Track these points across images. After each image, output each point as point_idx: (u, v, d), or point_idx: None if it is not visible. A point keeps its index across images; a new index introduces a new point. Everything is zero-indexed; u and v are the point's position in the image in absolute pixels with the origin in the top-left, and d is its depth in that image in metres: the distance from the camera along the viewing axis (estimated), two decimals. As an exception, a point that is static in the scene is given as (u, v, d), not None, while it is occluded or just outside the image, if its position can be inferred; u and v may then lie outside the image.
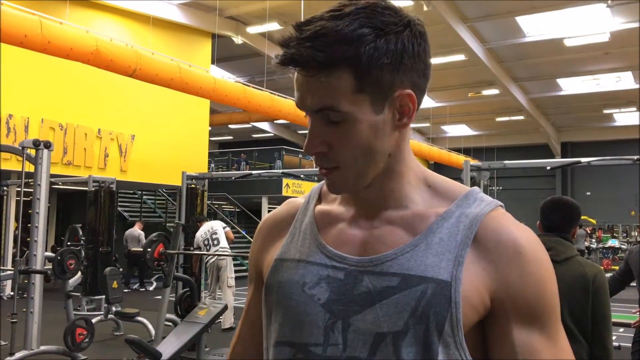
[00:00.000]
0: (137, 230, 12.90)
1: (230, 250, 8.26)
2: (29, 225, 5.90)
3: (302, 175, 16.01)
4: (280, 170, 14.08)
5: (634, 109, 21.49)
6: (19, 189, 6.14)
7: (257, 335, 0.97)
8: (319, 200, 0.96)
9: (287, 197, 1.05)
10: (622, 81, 19.46)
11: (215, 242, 7.98)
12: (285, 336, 0.85)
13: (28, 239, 5.99)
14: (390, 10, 0.81)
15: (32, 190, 5.78)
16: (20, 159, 5.85)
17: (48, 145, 5.76)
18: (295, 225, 0.94)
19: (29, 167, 5.83)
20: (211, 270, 8.06)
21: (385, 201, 0.87)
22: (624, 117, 23.67)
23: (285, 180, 16.26)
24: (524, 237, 0.82)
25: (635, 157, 4.90)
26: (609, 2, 12.67)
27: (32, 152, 5.76)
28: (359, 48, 0.77)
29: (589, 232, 20.65)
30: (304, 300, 0.84)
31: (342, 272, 0.83)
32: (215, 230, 8.06)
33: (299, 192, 16.19)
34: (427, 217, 0.85)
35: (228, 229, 8.33)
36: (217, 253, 7.80)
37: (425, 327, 0.77)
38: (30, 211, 5.80)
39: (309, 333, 0.83)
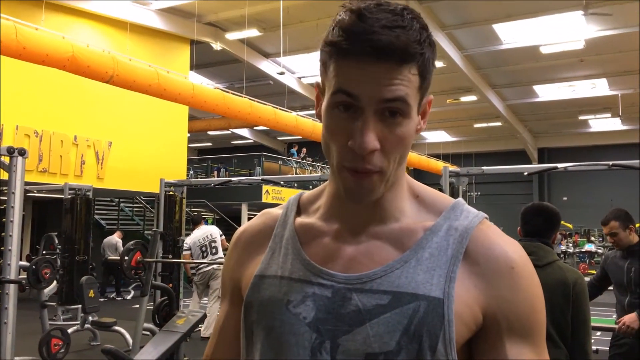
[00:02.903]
0: (115, 238, 12.75)
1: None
2: (2, 234, 5.79)
3: (282, 182, 15.98)
4: (260, 177, 14.01)
5: (609, 115, 21.87)
6: (-7, 197, 6.03)
7: (236, 358, 0.91)
8: (298, 212, 0.91)
9: (267, 204, 1.00)
10: (597, 88, 19.81)
11: (214, 250, 7.85)
12: (269, 358, 0.81)
13: (2, 248, 5.87)
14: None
15: (6, 198, 5.68)
16: (-6, 166, 5.74)
17: (22, 152, 5.66)
18: (275, 240, 0.89)
19: (3, 175, 5.73)
20: (203, 278, 7.88)
21: (374, 214, 0.82)
22: (599, 123, 24.11)
23: (265, 187, 16.21)
24: (515, 252, 0.80)
25: (611, 163, 4.95)
26: (585, 7, 12.86)
27: (6, 159, 5.65)
28: (423, 48, 0.76)
29: (565, 234, 20.94)
30: (289, 320, 0.79)
31: (329, 290, 0.79)
32: (214, 238, 7.93)
33: (279, 198, 16.13)
34: (415, 232, 0.81)
35: (224, 237, 8.23)
36: (216, 262, 7.67)
37: (419, 346, 0.74)
38: (4, 220, 5.69)
39: (295, 354, 0.78)
